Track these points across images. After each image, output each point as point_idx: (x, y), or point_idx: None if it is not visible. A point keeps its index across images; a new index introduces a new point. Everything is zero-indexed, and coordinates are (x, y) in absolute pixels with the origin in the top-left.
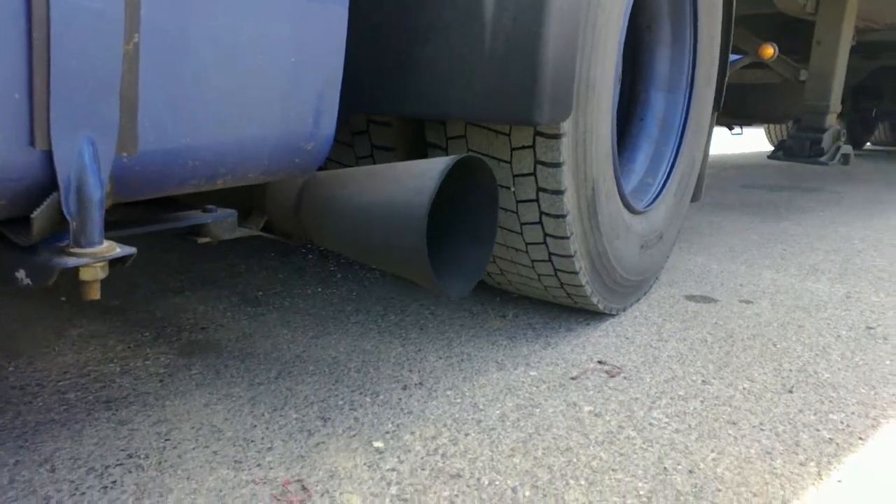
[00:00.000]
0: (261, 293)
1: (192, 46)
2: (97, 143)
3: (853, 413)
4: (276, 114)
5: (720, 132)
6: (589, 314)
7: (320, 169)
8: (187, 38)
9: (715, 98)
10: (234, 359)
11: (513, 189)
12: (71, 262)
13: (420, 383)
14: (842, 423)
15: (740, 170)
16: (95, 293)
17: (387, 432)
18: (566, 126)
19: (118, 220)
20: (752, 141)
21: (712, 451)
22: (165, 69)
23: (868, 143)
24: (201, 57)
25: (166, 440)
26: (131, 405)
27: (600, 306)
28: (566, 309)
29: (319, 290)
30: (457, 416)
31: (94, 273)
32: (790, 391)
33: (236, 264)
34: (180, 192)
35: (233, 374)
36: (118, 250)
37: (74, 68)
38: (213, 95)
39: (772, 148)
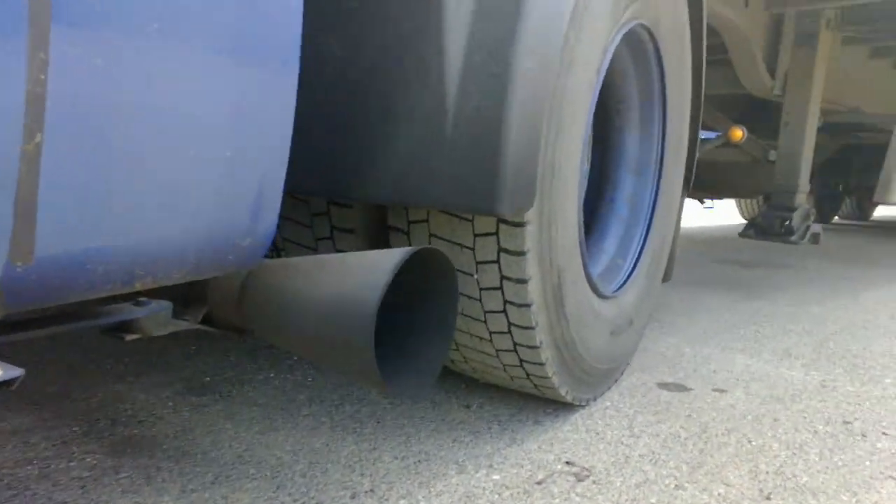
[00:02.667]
0: (208, 379)
1: (104, 144)
2: None
3: None
4: (206, 210)
5: (692, 205)
6: (558, 405)
7: (274, 252)
8: (99, 135)
9: (685, 178)
10: (169, 459)
11: (476, 276)
12: None
13: (371, 490)
14: None
15: (713, 244)
16: None
17: None
18: (530, 214)
19: (23, 320)
20: (724, 213)
21: None
22: (72, 169)
23: (836, 218)
24: (115, 155)
25: None
26: None
27: (568, 398)
28: (534, 399)
29: (272, 375)
30: None
31: None
32: (768, 498)
33: (187, 344)
34: (91, 298)
35: (164, 479)
36: (0, 373)
37: None
38: (129, 195)
39: (743, 221)
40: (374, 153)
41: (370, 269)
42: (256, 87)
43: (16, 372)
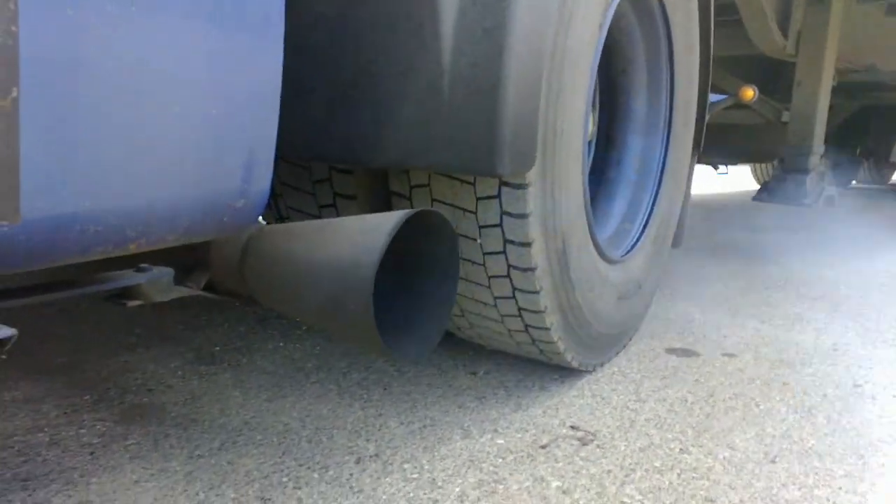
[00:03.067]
0: (218, 349)
1: (86, 97)
2: None
3: (840, 488)
4: (196, 170)
5: (706, 171)
6: (564, 370)
7: (279, 220)
8: (80, 87)
9: (694, 140)
10: (177, 426)
11: (479, 241)
12: None
13: (376, 455)
14: (828, 499)
15: (725, 210)
16: None
17: None
18: (532, 176)
19: (23, 287)
20: (738, 179)
21: None
22: (53, 125)
23: (853, 182)
24: (98, 109)
25: None
26: (52, 483)
27: (574, 363)
28: (541, 365)
29: (281, 344)
30: (411, 495)
31: None
32: (773, 461)
33: (198, 315)
34: (84, 260)
35: (172, 445)
36: None
37: None
38: (116, 152)
39: (757, 186)
40: (370, 116)
41: (368, 233)
42: (240, 43)
43: (8, 332)
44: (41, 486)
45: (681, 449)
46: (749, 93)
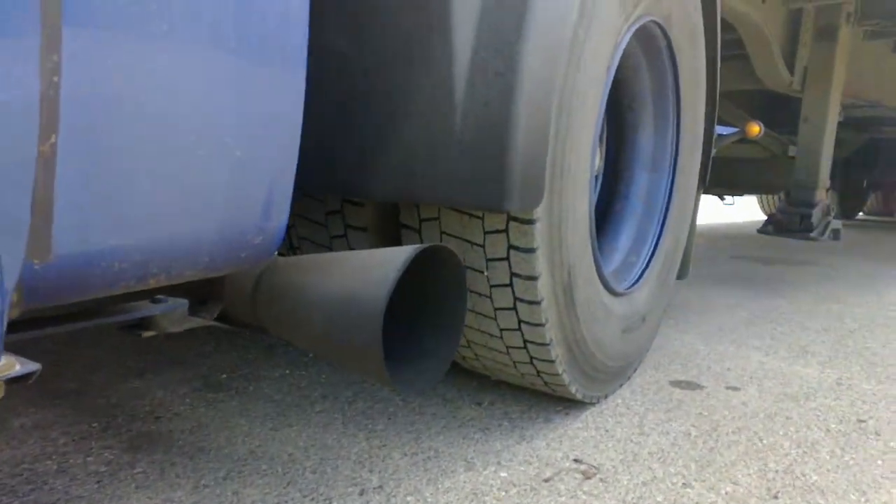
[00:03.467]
0: (225, 376)
1: (119, 143)
2: (1, 250)
3: None
4: (218, 208)
5: (712, 201)
6: (569, 402)
7: (290, 250)
8: (114, 133)
9: (700, 174)
10: (184, 455)
11: (486, 273)
12: None
13: (380, 487)
14: None
15: (731, 240)
16: None
17: None
18: (540, 211)
19: (43, 318)
20: (744, 209)
21: None
22: (87, 168)
23: (860, 214)
24: (130, 153)
25: None
26: None
27: (578, 395)
28: (546, 396)
29: (287, 372)
30: None
31: None
32: (775, 497)
33: (206, 342)
34: (107, 295)
35: (178, 474)
36: (17, 368)
37: None
38: (144, 192)
39: (763, 216)
40: (382, 151)
41: (380, 266)
42: (265, 87)
43: (33, 367)
44: None
45: (683, 483)
46: (755, 129)
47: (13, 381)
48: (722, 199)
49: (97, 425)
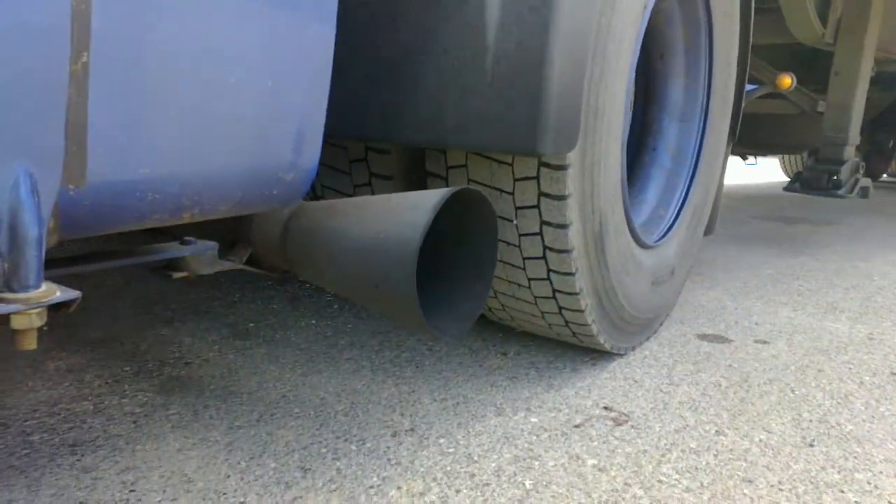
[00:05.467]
0: (252, 325)
1: (151, 66)
2: (36, 174)
3: (881, 472)
4: (250, 142)
5: (734, 162)
6: (595, 353)
7: (314, 198)
8: (146, 56)
9: (730, 128)
10: (216, 398)
11: (515, 222)
12: (0, 308)
13: (411, 429)
14: (869, 483)
15: (755, 201)
16: (31, 343)
17: (371, 486)
18: (572, 157)
19: (76, 256)
20: (767, 171)
21: None
22: (120, 91)
23: (885, 175)
24: (163, 78)
25: (131, 491)
26: (99, 449)
27: (607, 346)
28: (572, 347)
29: (313, 322)
30: (448, 468)
31: (27, 321)
32: (811, 445)
33: (231, 293)
34: (140, 228)
35: (212, 416)
36: (58, 294)
37: (9, 90)
38: (177, 121)
39: (787, 178)
40: (410, 94)
41: (411, 209)
42: (295, 16)
43: (73, 294)
44: (89, 451)
45: (716, 431)
46: (787, 81)
47: (55, 308)
48: (745, 159)
49: (129, 369)
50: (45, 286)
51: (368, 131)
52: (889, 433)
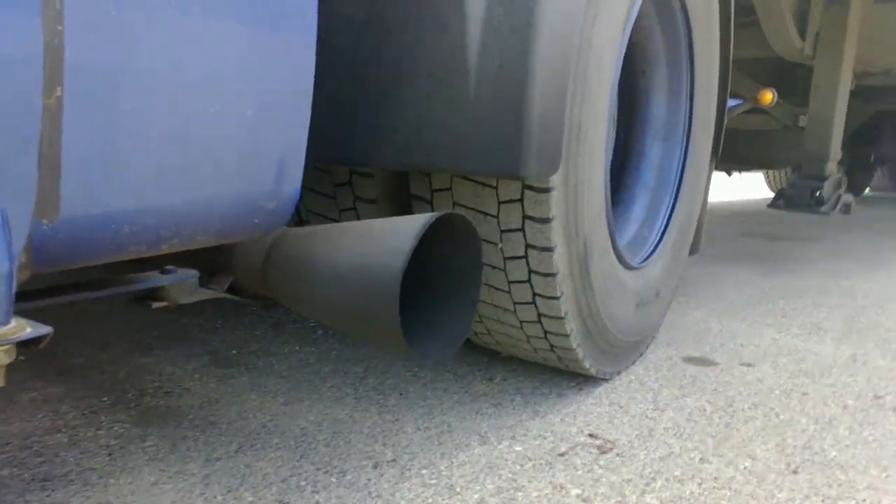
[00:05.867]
0: (235, 352)
1: (127, 98)
2: (8, 208)
3: (864, 500)
4: (230, 172)
5: (719, 177)
6: (581, 378)
7: (298, 223)
8: (121, 88)
9: (713, 145)
10: (195, 429)
11: (500, 245)
12: None
13: (393, 460)
14: None
15: (739, 217)
16: None
17: None
18: (556, 179)
19: (52, 287)
20: (751, 186)
21: None
22: (95, 125)
23: (867, 190)
24: (139, 111)
25: None
26: (70, 484)
27: (592, 370)
28: (558, 372)
29: (297, 348)
30: (430, 501)
31: None
32: (795, 472)
33: (213, 319)
34: (118, 260)
35: (189, 448)
36: (28, 330)
37: None
38: (153, 153)
39: (771, 193)
40: (394, 118)
41: (394, 235)
42: (276, 46)
43: (44, 330)
44: (60, 486)
45: (701, 458)
46: (768, 96)
47: (24, 345)
48: (729, 174)
49: (106, 399)
50: (14, 322)
51: (352, 155)
52: (872, 459)
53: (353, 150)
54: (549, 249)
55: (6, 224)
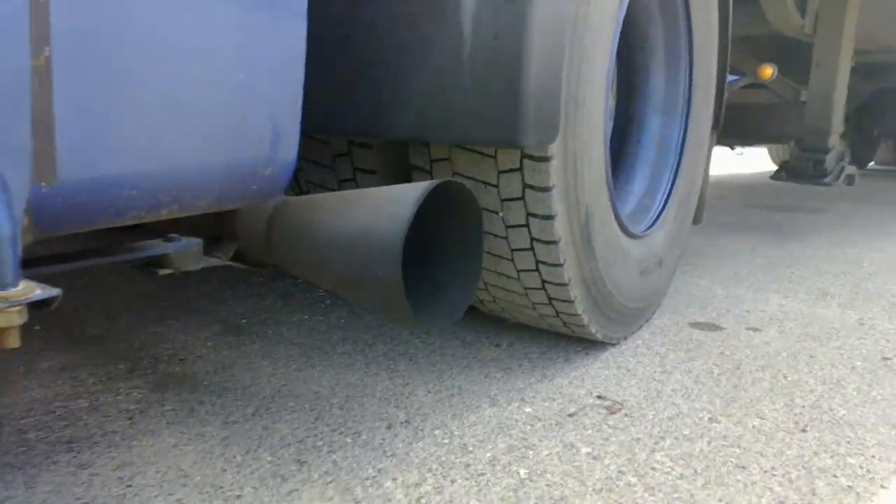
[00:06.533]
0: (244, 321)
1: (117, 60)
2: (5, 171)
3: (873, 457)
4: (226, 136)
5: (722, 152)
6: (588, 343)
7: (299, 194)
8: (112, 50)
9: (714, 118)
10: (211, 394)
11: (501, 214)
12: None
13: (406, 421)
14: (861, 467)
15: (743, 190)
16: (13, 341)
17: (366, 478)
18: (555, 148)
19: (57, 254)
20: (755, 160)
21: (720, 500)
22: (86, 87)
23: (871, 164)
24: (129, 73)
25: (128, 486)
26: (95, 446)
27: (598, 336)
28: (564, 337)
29: (306, 317)
30: (443, 459)
31: (6, 319)
32: (804, 430)
33: (221, 290)
34: (119, 224)
35: (207, 411)
36: (38, 292)
37: None
38: (148, 117)
39: (775, 167)
40: (390, 88)
41: (395, 202)
42: (267, 10)
43: (54, 291)
44: (85, 447)
45: (709, 418)
46: (768, 71)
47: (36, 306)
48: (732, 148)
49: (123, 367)
50: (23, 284)
51: (351, 126)
52: (881, 417)
53: (351, 121)
54: (549, 217)
55: (5, 187)
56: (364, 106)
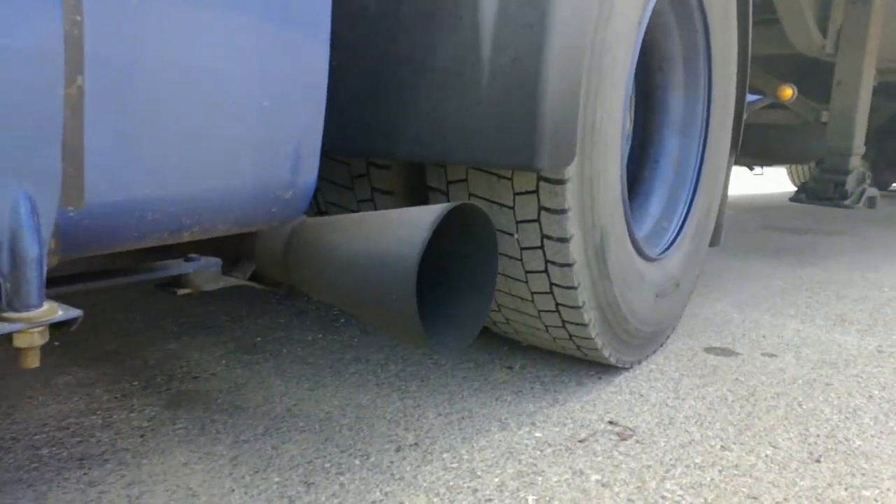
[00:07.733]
0: (259, 339)
1: (145, 88)
2: (35, 196)
3: (889, 489)
4: (248, 161)
5: (741, 172)
6: (601, 367)
7: (317, 214)
8: (140, 78)
9: (732, 140)
10: (222, 412)
11: (516, 236)
12: (2, 328)
13: (415, 444)
14: (876, 500)
15: (762, 211)
16: (34, 361)
17: (373, 502)
18: (571, 171)
19: (81, 273)
20: (774, 181)
21: None
22: (115, 114)
23: (893, 185)
24: (157, 100)
25: None
26: (106, 463)
27: (612, 360)
28: (577, 361)
29: (320, 336)
30: (451, 483)
31: (29, 339)
32: (818, 461)
33: (237, 308)
34: (142, 247)
35: (218, 430)
36: (60, 313)
37: (4, 115)
38: (173, 143)
39: (794, 188)
40: (409, 110)
41: (410, 225)
42: (290, 37)
43: (75, 313)
44: (96, 465)
45: (722, 446)
46: (788, 92)
47: (57, 327)
48: (751, 169)
49: (137, 384)
50: (46, 305)
51: (370, 147)
52: None
53: (370, 143)
54: (565, 240)
55: (35, 211)
56: (382, 128)
